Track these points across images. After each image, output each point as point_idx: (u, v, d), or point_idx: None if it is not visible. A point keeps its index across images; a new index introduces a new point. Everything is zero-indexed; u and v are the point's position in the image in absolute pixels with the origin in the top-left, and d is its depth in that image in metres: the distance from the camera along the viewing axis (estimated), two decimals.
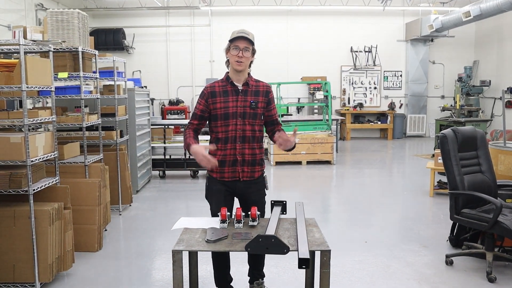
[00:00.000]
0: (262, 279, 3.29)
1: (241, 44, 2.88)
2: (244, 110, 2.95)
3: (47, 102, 6.42)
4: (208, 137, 3.21)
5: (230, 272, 3.31)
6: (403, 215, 5.77)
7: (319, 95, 11.43)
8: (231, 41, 2.92)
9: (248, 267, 3.32)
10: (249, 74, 3.04)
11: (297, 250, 2.27)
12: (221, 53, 14.61)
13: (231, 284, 3.32)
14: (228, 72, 3.03)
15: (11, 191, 3.37)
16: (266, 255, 3.08)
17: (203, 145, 2.88)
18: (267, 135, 3.22)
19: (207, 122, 3.08)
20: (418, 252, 4.33)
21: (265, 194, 3.16)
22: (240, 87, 2.97)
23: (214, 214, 3.06)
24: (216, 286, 3.28)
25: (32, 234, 3.40)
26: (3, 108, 4.84)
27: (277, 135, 2.90)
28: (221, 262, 3.20)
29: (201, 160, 2.80)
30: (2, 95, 4.57)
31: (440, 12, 11.99)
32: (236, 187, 3.05)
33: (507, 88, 11.60)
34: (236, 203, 3.16)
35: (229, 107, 2.93)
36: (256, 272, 3.28)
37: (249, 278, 3.32)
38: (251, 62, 3.02)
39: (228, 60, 2.99)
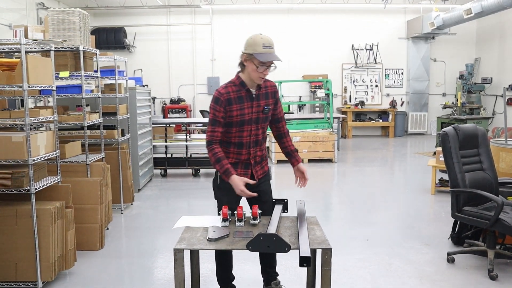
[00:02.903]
0: (277, 279, 3.29)
1: (269, 63, 2.79)
2: (258, 115, 2.95)
3: (48, 101, 6.44)
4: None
5: (232, 271, 3.31)
6: (404, 213, 5.77)
7: (321, 93, 11.42)
8: (257, 56, 2.74)
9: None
10: None
11: (298, 249, 2.27)
12: (222, 52, 14.61)
13: (233, 282, 3.32)
14: (239, 73, 2.94)
15: (13, 190, 3.38)
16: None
17: (243, 179, 2.81)
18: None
19: None
20: (419, 250, 4.33)
21: (271, 185, 3.22)
22: (254, 92, 2.93)
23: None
24: (219, 284, 3.28)
25: (34, 233, 3.41)
26: (4, 107, 4.86)
27: (295, 168, 3.13)
28: (224, 261, 3.20)
29: (239, 193, 2.79)
30: (3, 94, 4.58)
31: (441, 10, 11.96)
32: (247, 184, 3.05)
33: (509, 86, 11.58)
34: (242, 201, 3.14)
35: (245, 114, 2.89)
36: (271, 271, 3.28)
37: (263, 279, 3.31)
38: None
39: (242, 63, 2.88)
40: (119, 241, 4.80)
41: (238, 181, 2.78)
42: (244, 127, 2.91)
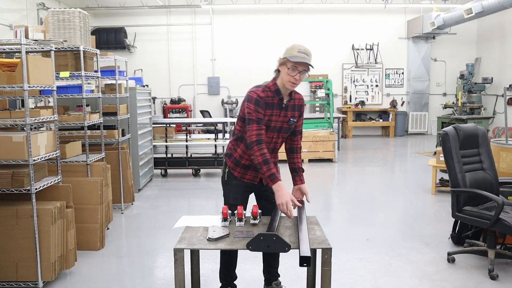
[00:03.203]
0: (279, 279, 3.30)
1: (301, 67, 2.77)
2: (282, 125, 2.95)
3: (48, 101, 6.44)
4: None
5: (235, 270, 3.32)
6: (405, 212, 5.77)
7: (321, 93, 11.43)
8: (290, 58, 2.76)
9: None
10: None
11: (298, 248, 2.28)
12: (222, 52, 14.58)
13: (235, 282, 3.32)
14: (275, 80, 2.90)
15: (13, 190, 3.39)
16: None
17: (291, 195, 2.70)
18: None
19: (242, 122, 2.95)
20: (419, 250, 4.33)
21: None
22: (285, 101, 2.93)
23: (230, 208, 2.93)
24: (220, 282, 3.29)
25: (35, 233, 3.41)
26: (5, 107, 4.86)
27: (296, 187, 3.03)
28: (228, 259, 3.21)
29: (282, 205, 2.64)
30: (4, 95, 4.58)
31: (441, 9, 11.95)
32: (255, 185, 3.09)
33: (509, 85, 11.57)
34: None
35: (272, 120, 2.90)
36: (273, 271, 3.29)
37: (264, 278, 3.31)
38: None
39: (278, 70, 2.87)
40: (120, 241, 4.80)
41: (287, 193, 2.67)
42: (267, 134, 2.91)
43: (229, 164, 3.05)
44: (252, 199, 3.13)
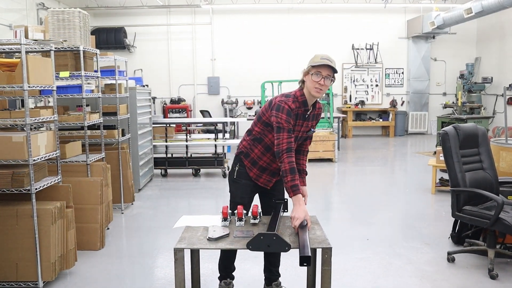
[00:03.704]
0: (279, 280, 3.30)
1: (325, 72, 2.77)
2: (302, 134, 2.98)
3: (48, 101, 6.44)
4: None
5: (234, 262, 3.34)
6: (404, 212, 5.77)
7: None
8: (314, 65, 2.79)
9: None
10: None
11: (299, 248, 2.28)
12: (222, 52, 14.58)
13: (233, 273, 3.34)
14: (301, 91, 2.87)
15: (13, 190, 3.39)
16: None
17: (306, 213, 2.64)
18: None
19: (263, 126, 2.95)
20: (419, 250, 4.33)
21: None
22: (309, 112, 2.93)
23: (234, 205, 2.96)
24: (219, 272, 3.30)
25: (35, 233, 3.41)
26: (5, 107, 4.86)
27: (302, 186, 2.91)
28: (228, 251, 3.21)
29: (295, 223, 2.58)
30: (4, 95, 4.58)
31: (441, 9, 11.95)
32: (263, 187, 3.12)
33: (509, 85, 11.57)
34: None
35: (295, 130, 2.90)
36: (274, 270, 3.30)
37: (264, 277, 3.32)
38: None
39: (303, 81, 2.85)
40: (120, 241, 4.80)
41: (304, 209, 2.63)
42: None
43: (246, 164, 3.05)
44: (255, 199, 3.14)
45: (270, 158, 3.00)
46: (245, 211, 2.75)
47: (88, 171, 4.65)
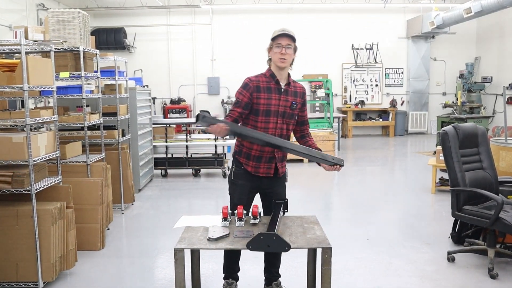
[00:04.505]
0: (279, 280, 3.31)
1: (284, 42, 2.89)
2: (285, 110, 3.00)
3: (48, 102, 6.44)
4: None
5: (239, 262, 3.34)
6: (405, 212, 5.77)
7: (321, 92, 11.43)
8: (273, 39, 2.93)
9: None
10: (289, 74, 3.06)
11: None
12: (222, 52, 14.59)
13: (237, 274, 3.35)
14: (270, 69, 3.02)
15: (13, 191, 3.39)
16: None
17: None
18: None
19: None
20: (420, 249, 4.34)
21: (285, 187, 3.22)
22: (283, 86, 3.00)
23: (233, 207, 3.02)
24: (223, 273, 3.31)
25: (35, 233, 3.41)
26: (5, 108, 4.87)
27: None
28: (231, 253, 3.23)
29: (214, 128, 2.63)
30: (4, 95, 4.58)
31: (441, 9, 11.96)
32: (262, 183, 3.09)
33: (509, 84, 11.58)
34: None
35: (271, 104, 2.96)
36: (274, 270, 3.30)
37: (264, 278, 3.32)
38: (293, 60, 3.02)
39: (270, 59, 3.00)
40: (120, 241, 4.80)
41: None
42: (270, 118, 2.97)
43: (242, 161, 3.06)
44: (257, 199, 3.14)
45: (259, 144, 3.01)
46: (245, 211, 2.76)
47: (88, 171, 4.65)
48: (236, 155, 3.12)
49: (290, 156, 3.20)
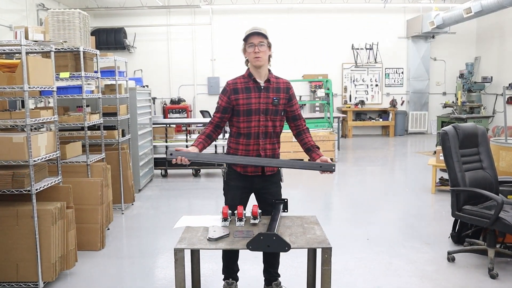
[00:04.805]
0: (279, 280, 3.31)
1: (255, 40, 2.91)
2: (267, 106, 2.99)
3: (49, 102, 6.44)
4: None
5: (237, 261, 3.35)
6: (405, 212, 5.78)
7: (321, 92, 11.43)
8: (245, 40, 2.95)
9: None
10: (269, 70, 3.07)
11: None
12: (222, 52, 14.59)
13: (237, 274, 3.35)
14: (248, 69, 3.05)
15: (13, 191, 3.39)
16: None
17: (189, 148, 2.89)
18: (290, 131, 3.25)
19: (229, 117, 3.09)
20: (420, 249, 4.34)
21: (281, 187, 3.20)
22: (262, 83, 3.01)
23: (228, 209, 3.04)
24: (223, 274, 3.31)
25: (35, 234, 3.41)
26: (5, 108, 4.87)
27: (318, 159, 2.92)
28: (229, 253, 3.23)
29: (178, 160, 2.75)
30: (4, 96, 4.58)
31: (441, 9, 11.96)
32: (254, 183, 3.08)
33: (509, 84, 11.58)
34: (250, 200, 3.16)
35: (251, 103, 2.97)
36: (273, 271, 3.30)
37: (264, 279, 3.33)
38: (270, 56, 3.03)
39: (247, 60, 3.02)
40: (120, 241, 4.81)
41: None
42: (252, 117, 2.97)
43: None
44: (252, 200, 3.14)
45: (243, 143, 3.01)
46: (244, 211, 2.76)
47: (88, 171, 4.66)
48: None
49: (289, 155, 3.20)
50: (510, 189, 4.28)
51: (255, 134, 2.99)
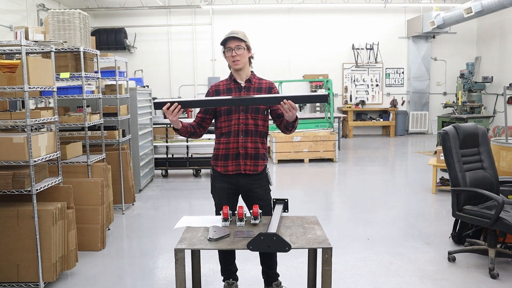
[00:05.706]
0: (279, 280, 3.31)
1: (232, 44, 2.96)
2: (247, 106, 3.01)
3: (49, 102, 6.46)
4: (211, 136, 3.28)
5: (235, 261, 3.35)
6: (405, 212, 5.77)
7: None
8: (222, 44, 3.01)
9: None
10: (252, 72, 3.12)
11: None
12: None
13: (236, 274, 3.35)
14: (231, 72, 3.12)
15: (14, 191, 3.39)
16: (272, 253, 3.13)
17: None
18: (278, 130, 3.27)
19: (213, 120, 3.15)
20: (420, 249, 4.33)
21: (270, 190, 3.18)
22: (242, 83, 3.06)
23: (216, 211, 3.13)
24: (222, 275, 3.32)
25: (36, 234, 3.42)
26: (5, 108, 4.87)
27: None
28: (225, 254, 3.23)
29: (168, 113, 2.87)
30: (4, 96, 4.58)
31: (441, 9, 11.96)
32: (239, 183, 3.08)
33: (509, 84, 11.57)
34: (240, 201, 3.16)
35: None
36: (271, 272, 3.30)
37: (263, 280, 3.32)
38: (250, 58, 3.09)
39: (229, 66, 3.09)
40: (121, 242, 4.81)
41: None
42: (232, 116, 3.01)
43: (213, 163, 3.14)
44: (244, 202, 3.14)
45: (224, 141, 3.05)
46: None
47: (89, 172, 4.66)
48: (211, 160, 3.18)
49: (290, 156, 3.19)
50: (510, 189, 4.27)
51: (235, 132, 3.01)
